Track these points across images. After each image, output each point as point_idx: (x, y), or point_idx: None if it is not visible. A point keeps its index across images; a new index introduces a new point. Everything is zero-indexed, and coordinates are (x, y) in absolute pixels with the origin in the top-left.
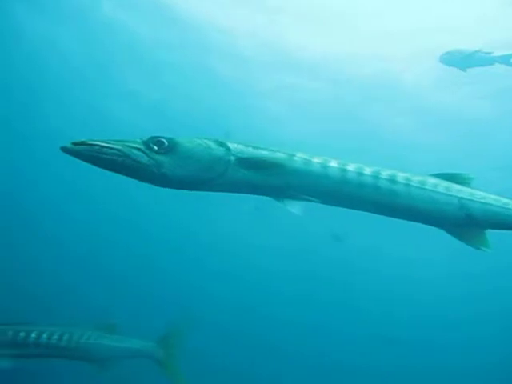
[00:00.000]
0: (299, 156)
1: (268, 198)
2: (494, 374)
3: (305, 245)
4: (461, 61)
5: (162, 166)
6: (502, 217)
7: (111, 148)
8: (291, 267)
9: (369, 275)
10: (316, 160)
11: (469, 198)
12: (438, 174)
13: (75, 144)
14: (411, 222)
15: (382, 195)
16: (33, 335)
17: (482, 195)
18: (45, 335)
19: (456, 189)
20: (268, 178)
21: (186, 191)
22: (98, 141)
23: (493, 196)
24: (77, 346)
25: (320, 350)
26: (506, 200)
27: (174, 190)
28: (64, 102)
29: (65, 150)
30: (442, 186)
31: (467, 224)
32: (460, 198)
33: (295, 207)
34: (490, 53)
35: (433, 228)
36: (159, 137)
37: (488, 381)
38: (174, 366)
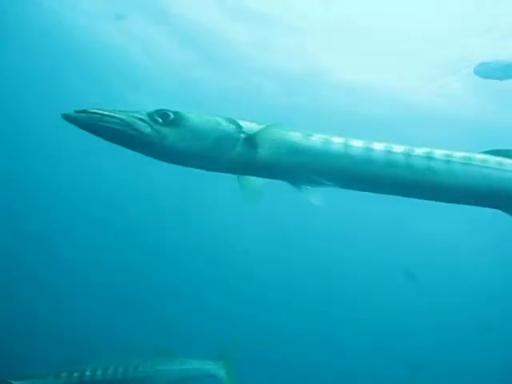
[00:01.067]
0: (317, 135)
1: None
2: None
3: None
4: (498, 72)
5: (165, 138)
6: None
7: (113, 117)
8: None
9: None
10: (337, 139)
11: None
12: (487, 151)
13: (77, 112)
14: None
15: (417, 174)
16: (87, 373)
17: None
18: (99, 371)
19: (510, 163)
20: (281, 159)
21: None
22: (101, 109)
23: None
24: (134, 377)
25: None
26: None
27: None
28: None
29: (66, 117)
30: (493, 160)
31: None
32: None
33: (314, 195)
34: None
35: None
36: (165, 109)
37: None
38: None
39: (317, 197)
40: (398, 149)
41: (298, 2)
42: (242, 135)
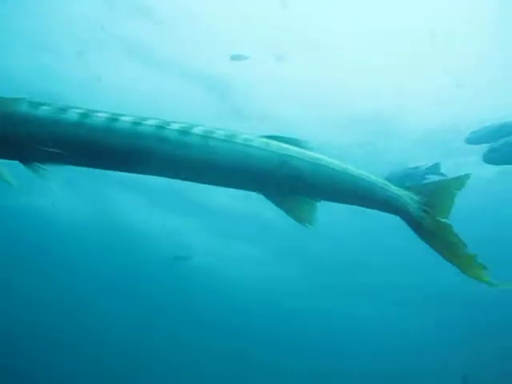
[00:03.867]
0: (50, 105)
1: None
2: None
3: None
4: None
5: None
6: (340, 182)
7: None
8: None
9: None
10: (74, 109)
11: (296, 155)
12: (270, 135)
13: None
14: None
15: (167, 148)
16: None
17: (316, 156)
18: None
19: (279, 146)
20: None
21: None
22: None
23: (331, 159)
24: None
25: None
26: (348, 166)
27: None
28: None
29: None
30: (260, 141)
31: (293, 188)
32: (283, 155)
33: (49, 175)
34: (418, 167)
35: None
36: None
37: None
38: None
39: (52, 177)
40: (151, 121)
41: None
42: None
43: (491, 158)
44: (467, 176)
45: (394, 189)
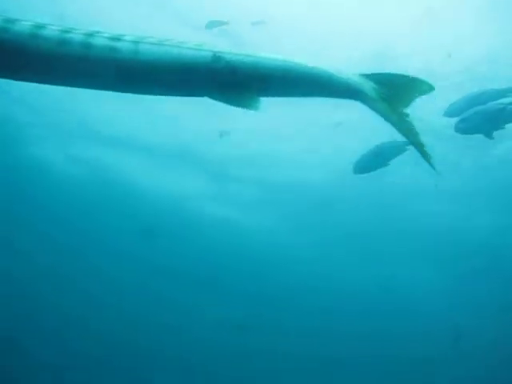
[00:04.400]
0: None
1: None
2: None
3: None
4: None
5: None
6: (286, 72)
7: None
8: None
9: None
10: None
11: (228, 52)
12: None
13: None
14: None
15: (95, 54)
16: None
17: (254, 52)
18: None
19: (213, 45)
20: None
21: None
22: None
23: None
24: None
25: None
26: (279, 57)
27: None
28: None
29: None
30: (194, 43)
31: (235, 84)
32: (216, 52)
33: None
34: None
35: None
36: None
37: None
38: None
39: None
40: (80, 30)
41: None
42: None
43: (461, 128)
44: (432, 87)
45: (350, 75)
